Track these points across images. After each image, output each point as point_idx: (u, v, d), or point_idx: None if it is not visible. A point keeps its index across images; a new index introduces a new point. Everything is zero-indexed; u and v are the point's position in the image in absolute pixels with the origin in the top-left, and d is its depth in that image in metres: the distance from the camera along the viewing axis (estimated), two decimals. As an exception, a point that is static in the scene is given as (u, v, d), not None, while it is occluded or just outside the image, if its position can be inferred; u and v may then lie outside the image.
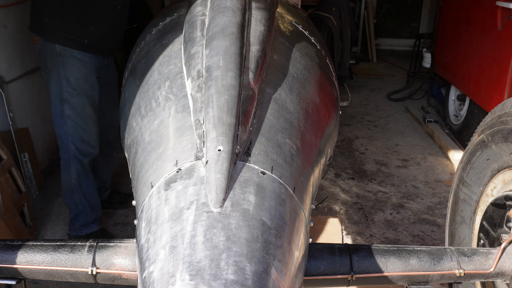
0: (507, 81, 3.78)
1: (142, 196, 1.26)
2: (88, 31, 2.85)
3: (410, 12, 10.01)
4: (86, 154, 3.01)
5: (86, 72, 2.91)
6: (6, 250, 1.36)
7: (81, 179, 3.03)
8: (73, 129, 2.93)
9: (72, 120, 2.92)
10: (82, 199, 3.06)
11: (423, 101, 6.29)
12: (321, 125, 1.59)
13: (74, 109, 2.90)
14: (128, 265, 1.34)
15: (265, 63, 1.51)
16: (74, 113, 2.91)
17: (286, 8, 2.06)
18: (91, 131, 3.00)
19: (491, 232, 1.70)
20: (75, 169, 3.00)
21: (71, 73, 2.87)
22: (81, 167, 3.01)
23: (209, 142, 1.18)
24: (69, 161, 2.99)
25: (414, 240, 3.34)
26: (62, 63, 2.85)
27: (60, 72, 2.86)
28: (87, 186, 3.07)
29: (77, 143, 2.96)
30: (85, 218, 3.10)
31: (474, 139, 1.85)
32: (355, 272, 1.41)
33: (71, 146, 2.96)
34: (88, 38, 2.86)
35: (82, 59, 2.88)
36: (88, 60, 2.90)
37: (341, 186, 4.11)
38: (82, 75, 2.90)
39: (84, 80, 2.91)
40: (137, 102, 1.60)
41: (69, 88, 2.87)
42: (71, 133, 2.93)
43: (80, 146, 2.97)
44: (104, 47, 3.00)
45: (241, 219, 1.06)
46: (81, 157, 2.99)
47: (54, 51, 2.84)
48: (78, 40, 2.84)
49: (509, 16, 3.84)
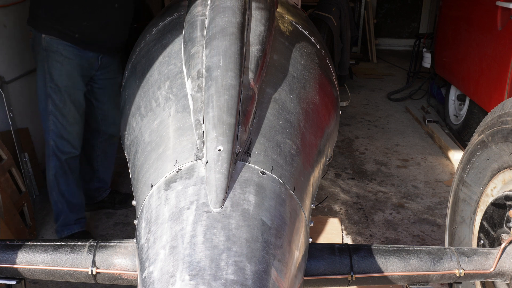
0: (507, 81, 3.78)
1: (142, 196, 1.26)
2: (81, 26, 2.83)
3: (410, 12, 10.01)
4: (64, 152, 2.98)
5: (69, 69, 2.88)
6: (6, 250, 1.36)
7: (59, 176, 3.00)
8: (53, 125, 2.93)
9: (53, 116, 2.91)
10: (60, 197, 3.03)
11: (423, 101, 6.28)
12: (321, 125, 1.59)
13: (56, 105, 2.90)
14: (128, 265, 1.34)
15: (265, 63, 1.51)
16: (56, 109, 2.90)
17: (286, 8, 2.06)
18: (71, 129, 2.98)
19: (491, 232, 1.70)
20: (53, 165, 2.99)
21: (55, 69, 2.85)
22: (59, 164, 2.99)
23: (209, 142, 1.18)
24: (48, 157, 2.99)
25: (414, 240, 3.34)
26: (46, 58, 2.84)
27: (45, 66, 2.86)
28: (66, 185, 3.03)
29: (56, 139, 2.95)
30: (65, 218, 3.06)
31: (474, 139, 1.85)
32: (355, 272, 1.41)
33: (50, 141, 2.96)
34: (79, 32, 2.83)
35: (67, 56, 2.86)
36: (73, 57, 2.87)
37: (341, 186, 4.11)
38: (65, 71, 2.87)
39: (67, 77, 2.89)
40: (137, 102, 1.60)
41: (51, 83, 2.86)
42: (52, 128, 2.93)
43: (59, 143, 2.96)
44: (98, 44, 2.94)
45: (241, 219, 1.06)
46: (59, 154, 2.97)
47: (41, 45, 2.83)
48: (68, 33, 2.82)
49: (509, 16, 3.84)
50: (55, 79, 2.86)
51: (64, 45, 2.84)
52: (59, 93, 2.88)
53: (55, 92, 2.88)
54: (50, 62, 2.85)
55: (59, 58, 2.85)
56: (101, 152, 3.40)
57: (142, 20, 4.75)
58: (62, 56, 2.85)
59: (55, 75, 2.86)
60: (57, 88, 2.87)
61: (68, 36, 2.83)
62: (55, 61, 2.85)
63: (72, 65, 2.89)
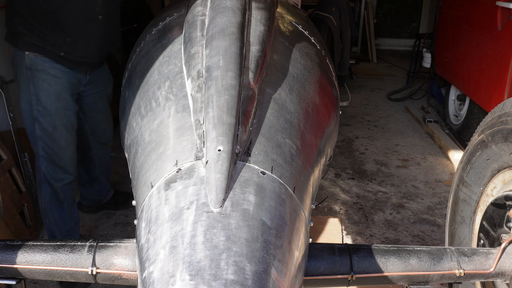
0: (507, 81, 3.78)
1: (142, 196, 1.26)
2: (65, 43, 2.51)
3: (410, 12, 10.01)
4: (57, 179, 2.71)
5: (58, 89, 2.57)
6: (6, 250, 1.36)
7: (52, 204, 2.76)
8: (43, 151, 2.64)
9: (42, 141, 2.62)
10: (53, 225, 2.81)
11: (423, 101, 6.29)
12: (321, 125, 1.59)
13: (45, 129, 2.59)
14: (128, 265, 1.34)
15: (265, 63, 1.51)
16: (45, 134, 2.60)
17: (286, 8, 2.06)
18: (64, 155, 2.69)
19: (491, 232, 1.70)
20: (46, 193, 2.73)
21: (41, 90, 2.53)
22: (51, 191, 2.73)
23: (209, 142, 1.18)
24: (40, 183, 2.74)
25: (414, 240, 3.34)
26: (31, 78, 2.52)
27: (30, 87, 2.54)
28: (58, 212, 2.79)
29: (48, 166, 2.67)
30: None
31: (474, 139, 1.85)
32: (355, 272, 1.41)
33: (41, 168, 2.68)
34: (64, 50, 2.52)
35: (55, 74, 2.55)
36: (61, 75, 2.56)
37: (341, 186, 4.11)
38: (53, 92, 2.55)
39: (56, 98, 2.57)
40: (137, 102, 1.60)
41: (39, 106, 2.55)
42: (42, 154, 2.65)
43: (51, 169, 2.68)
44: (86, 62, 2.65)
45: (241, 219, 1.06)
46: (52, 181, 2.70)
47: (23, 63, 2.53)
48: (52, 51, 2.51)
49: (509, 16, 3.84)
50: (43, 101, 2.55)
51: (50, 63, 2.54)
52: (48, 117, 2.57)
53: (43, 116, 2.57)
54: (36, 82, 2.53)
55: (46, 78, 2.53)
56: (97, 162, 3.26)
57: (142, 20, 4.76)
58: (49, 75, 2.54)
59: (43, 97, 2.54)
60: (45, 111, 2.56)
61: (53, 55, 2.52)
62: (41, 80, 2.53)
63: (61, 84, 2.58)
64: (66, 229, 2.87)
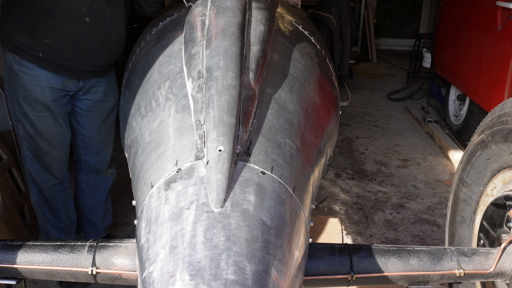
0: (507, 81, 3.78)
1: (142, 196, 1.26)
2: (44, 44, 2.33)
3: (410, 12, 10.01)
4: (42, 179, 2.64)
5: (36, 93, 2.43)
6: (6, 250, 1.36)
7: (42, 203, 2.70)
8: (28, 151, 2.58)
9: (26, 142, 2.56)
10: (46, 223, 2.75)
11: (423, 101, 6.29)
12: (321, 125, 1.59)
13: (26, 131, 2.52)
14: (128, 265, 1.34)
15: (265, 63, 1.51)
16: (27, 136, 2.54)
17: (286, 8, 2.06)
18: (46, 159, 2.60)
19: (491, 232, 1.70)
20: (34, 192, 2.68)
21: (19, 93, 2.44)
22: (39, 191, 2.68)
23: (209, 142, 1.19)
24: (28, 182, 2.69)
25: (414, 240, 3.34)
26: (13, 79, 2.43)
27: (11, 88, 2.46)
28: (50, 210, 2.73)
29: (32, 166, 2.61)
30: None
31: (474, 139, 1.85)
32: (355, 272, 1.41)
33: (27, 167, 2.63)
34: (43, 51, 2.35)
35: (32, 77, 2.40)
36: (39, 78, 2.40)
37: (341, 186, 4.11)
38: (30, 97, 2.43)
39: (34, 102, 2.44)
40: (137, 102, 1.60)
41: (19, 108, 2.47)
42: (27, 154, 2.60)
43: (35, 170, 2.62)
44: (72, 67, 2.43)
45: (241, 219, 1.06)
46: (38, 182, 2.65)
47: (6, 63, 2.44)
48: (30, 52, 2.36)
49: (509, 16, 3.84)
50: (21, 103, 2.45)
51: (28, 64, 2.38)
52: (28, 120, 2.48)
53: (24, 118, 2.49)
54: (15, 85, 2.43)
55: (22, 80, 2.41)
56: (86, 187, 2.90)
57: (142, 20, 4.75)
58: (26, 78, 2.40)
59: (21, 100, 2.45)
60: (24, 115, 2.48)
61: (31, 56, 2.37)
62: (18, 82, 2.42)
63: (39, 88, 2.43)
64: (61, 227, 2.79)
